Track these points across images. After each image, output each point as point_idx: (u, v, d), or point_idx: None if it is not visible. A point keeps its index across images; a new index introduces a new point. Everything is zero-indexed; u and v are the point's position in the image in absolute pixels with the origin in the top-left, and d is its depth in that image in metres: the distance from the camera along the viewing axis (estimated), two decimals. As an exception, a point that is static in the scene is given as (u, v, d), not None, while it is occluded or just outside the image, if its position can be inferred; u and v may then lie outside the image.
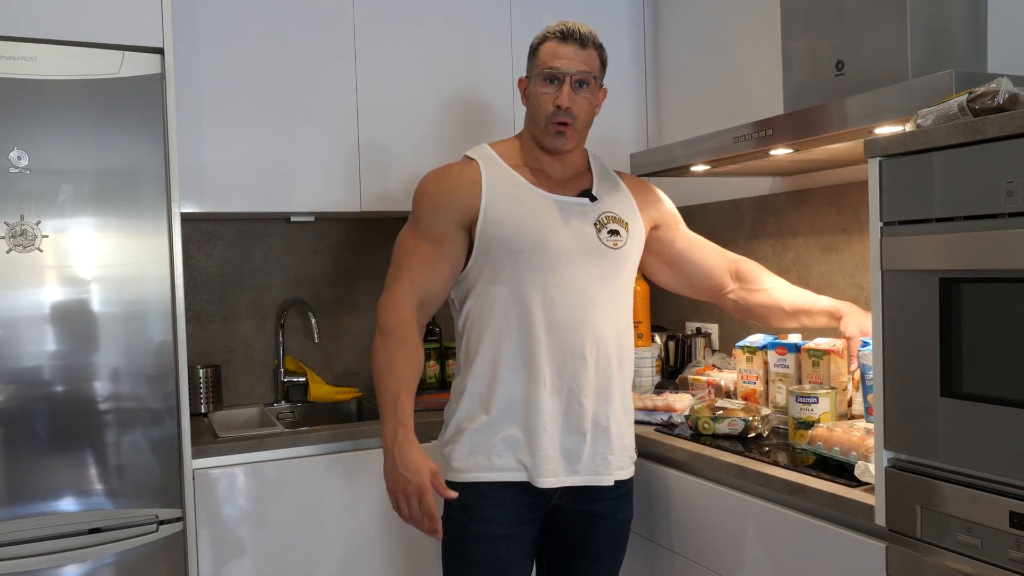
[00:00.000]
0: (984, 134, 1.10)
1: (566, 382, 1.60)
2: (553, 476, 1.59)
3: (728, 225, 2.54)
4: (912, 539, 1.27)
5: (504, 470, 1.59)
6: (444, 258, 1.61)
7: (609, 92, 2.73)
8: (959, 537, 1.19)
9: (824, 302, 1.84)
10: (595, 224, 1.66)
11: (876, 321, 1.30)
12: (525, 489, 1.60)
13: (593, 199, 1.68)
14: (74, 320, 1.84)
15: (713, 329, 2.62)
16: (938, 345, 1.20)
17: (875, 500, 1.32)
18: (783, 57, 1.89)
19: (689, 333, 2.63)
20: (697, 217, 2.68)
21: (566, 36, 1.63)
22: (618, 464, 1.67)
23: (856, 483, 1.44)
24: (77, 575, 1.83)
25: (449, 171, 1.67)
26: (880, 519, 1.32)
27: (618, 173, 1.81)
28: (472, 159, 1.67)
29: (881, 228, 1.28)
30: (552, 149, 1.67)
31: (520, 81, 1.72)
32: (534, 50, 1.67)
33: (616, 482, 1.67)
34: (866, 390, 1.70)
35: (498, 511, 1.59)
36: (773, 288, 1.88)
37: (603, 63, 1.69)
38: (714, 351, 2.56)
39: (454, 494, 1.54)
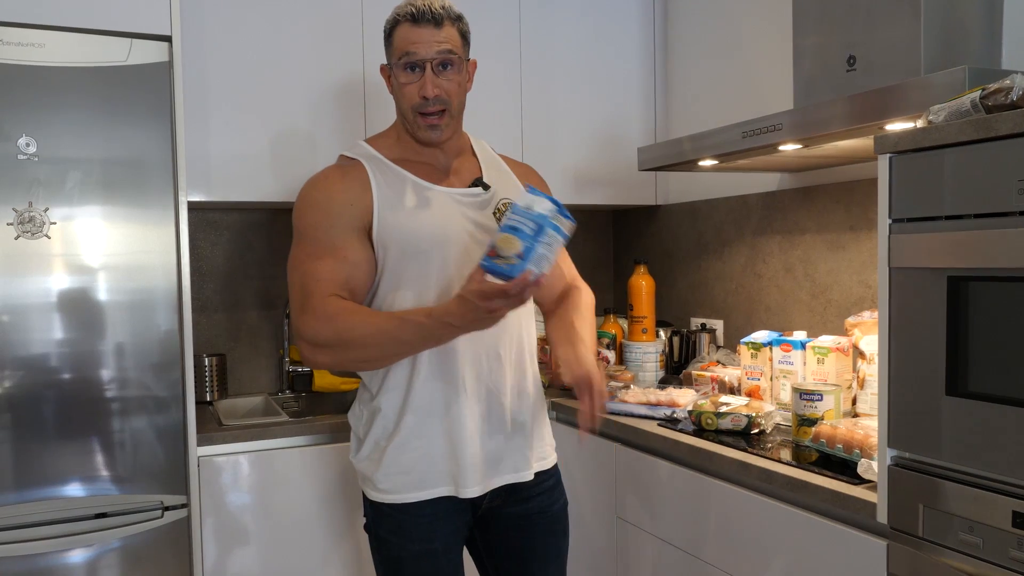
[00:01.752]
0: (996, 131, 1.09)
1: (484, 384, 1.52)
2: (478, 484, 1.52)
3: (735, 221, 2.53)
4: (914, 537, 1.26)
5: (434, 486, 1.50)
6: (352, 262, 1.46)
7: (617, 85, 2.76)
8: (961, 536, 1.19)
9: (561, 350, 1.55)
10: (494, 213, 1.55)
11: (882, 319, 1.29)
12: (455, 500, 1.53)
13: (486, 188, 1.57)
14: (81, 308, 1.85)
15: (718, 325, 2.61)
16: (944, 344, 1.19)
17: (877, 498, 1.32)
18: (794, 51, 1.88)
19: (694, 328, 2.62)
20: (704, 213, 2.67)
21: (418, 17, 1.47)
22: (537, 456, 1.61)
23: (859, 481, 1.44)
24: (83, 559, 1.85)
25: (332, 175, 1.52)
26: (882, 517, 1.31)
27: (502, 156, 1.70)
28: (353, 159, 1.53)
29: (890, 225, 1.27)
30: (427, 141, 1.54)
31: (382, 69, 1.57)
32: (388, 35, 1.52)
33: (537, 475, 1.60)
34: (501, 227, 1.31)
35: (433, 527, 1.52)
36: (555, 311, 1.67)
37: (464, 36, 1.54)
38: (719, 347, 2.55)
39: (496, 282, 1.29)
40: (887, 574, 1.32)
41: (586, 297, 1.71)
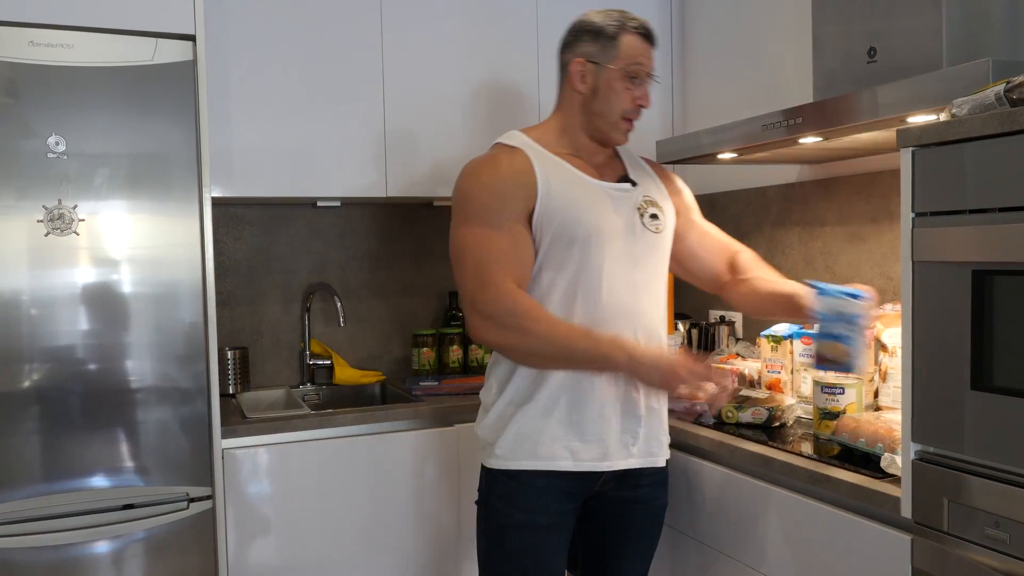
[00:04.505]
0: (1021, 125, 1.08)
1: None
2: (605, 460, 1.59)
3: (754, 213, 2.53)
4: (939, 532, 1.26)
5: (549, 459, 1.57)
6: (521, 242, 1.56)
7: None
8: (987, 531, 1.19)
9: (787, 286, 1.72)
10: (638, 209, 1.65)
11: (905, 313, 1.29)
12: (569, 477, 1.59)
13: (633, 184, 1.67)
14: (109, 302, 1.87)
15: (737, 317, 2.61)
16: (969, 338, 1.19)
17: (901, 492, 1.32)
18: (814, 43, 1.87)
19: (713, 321, 2.62)
20: (722, 204, 2.67)
21: (648, 36, 1.62)
22: (666, 443, 1.71)
23: (881, 475, 1.44)
24: (110, 550, 1.88)
25: (499, 161, 1.60)
26: (906, 511, 1.31)
27: (641, 157, 1.80)
28: (514, 147, 1.61)
29: (913, 219, 1.27)
30: (613, 143, 1.67)
31: (579, 63, 1.62)
32: (611, 38, 1.60)
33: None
34: (818, 336, 1.57)
35: (541, 500, 1.58)
36: (754, 278, 1.78)
37: None
38: (738, 339, 2.55)
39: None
40: (911, 569, 1.32)
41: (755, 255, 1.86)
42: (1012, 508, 1.15)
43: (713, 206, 2.71)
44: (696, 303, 2.80)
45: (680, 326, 2.59)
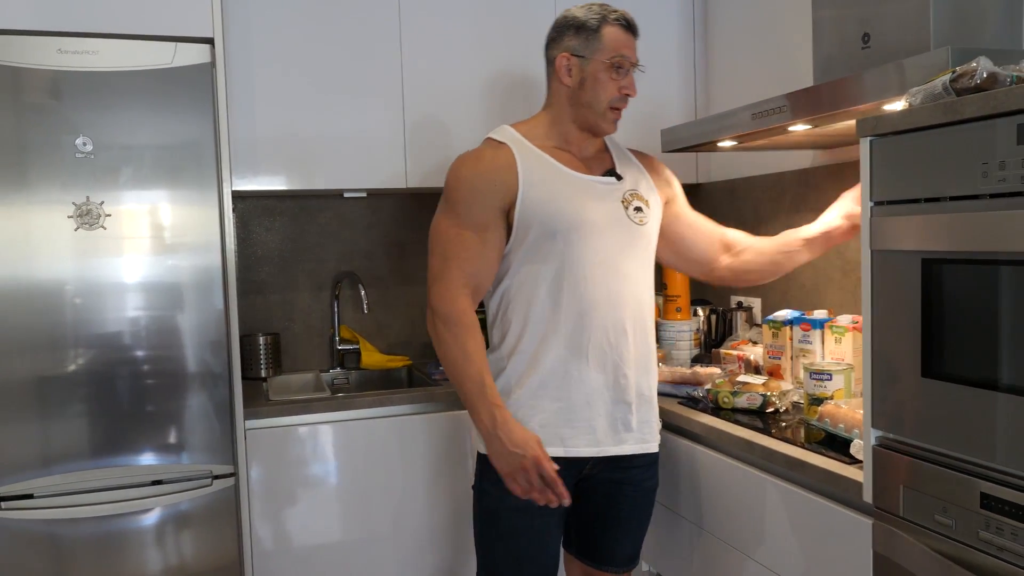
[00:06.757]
0: (961, 114, 1.09)
1: (610, 357, 1.65)
2: (595, 446, 1.66)
3: (771, 199, 2.51)
4: (896, 517, 1.28)
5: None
6: (490, 244, 1.63)
7: (656, 65, 2.75)
8: (936, 517, 1.20)
9: (810, 229, 1.83)
10: (622, 202, 1.70)
11: (865, 301, 1.30)
12: (559, 462, 1.62)
13: (619, 178, 1.72)
14: (136, 292, 2.01)
15: (755, 303, 2.60)
16: (920, 326, 1.20)
17: (863, 477, 1.34)
18: (813, 28, 1.86)
19: (732, 307, 2.62)
20: (741, 190, 2.66)
21: (629, 26, 1.67)
22: (658, 429, 1.76)
23: (851, 460, 1.46)
24: (141, 523, 2.03)
25: (482, 156, 1.67)
26: (868, 496, 1.33)
27: (630, 150, 1.84)
28: (501, 142, 1.68)
29: (871, 208, 1.28)
30: (602, 132, 1.72)
31: (564, 58, 1.68)
32: (594, 31, 1.66)
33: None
34: None
35: None
36: (755, 242, 1.90)
37: None
38: (753, 325, 2.55)
39: (556, 467, 1.56)
40: (873, 553, 1.34)
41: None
42: (957, 494, 1.15)
43: (734, 192, 2.70)
44: (718, 288, 2.81)
45: (699, 312, 2.60)
